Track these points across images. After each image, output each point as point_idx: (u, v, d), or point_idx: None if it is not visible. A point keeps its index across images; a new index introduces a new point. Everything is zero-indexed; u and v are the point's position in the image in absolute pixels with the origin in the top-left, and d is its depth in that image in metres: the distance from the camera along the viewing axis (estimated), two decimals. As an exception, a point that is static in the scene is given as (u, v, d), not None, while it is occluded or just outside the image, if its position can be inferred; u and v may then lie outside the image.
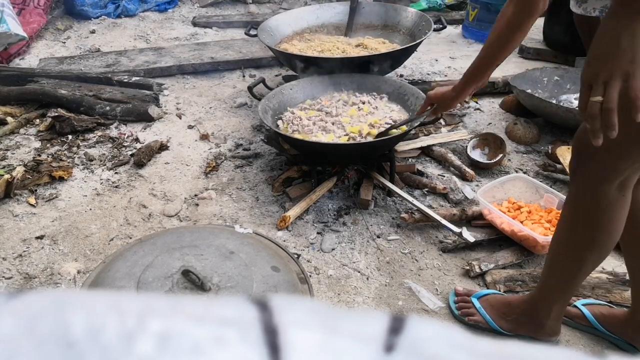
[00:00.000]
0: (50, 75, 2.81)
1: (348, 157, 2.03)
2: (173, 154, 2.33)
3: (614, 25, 0.87)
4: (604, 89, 0.86)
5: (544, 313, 1.35)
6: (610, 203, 1.10)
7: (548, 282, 1.32)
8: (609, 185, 1.08)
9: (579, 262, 1.22)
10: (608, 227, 1.14)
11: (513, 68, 3.07)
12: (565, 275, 1.27)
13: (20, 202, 2.01)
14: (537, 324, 1.38)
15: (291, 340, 0.21)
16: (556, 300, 1.32)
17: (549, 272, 1.31)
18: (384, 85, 2.21)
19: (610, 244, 1.18)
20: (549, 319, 1.35)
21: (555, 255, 1.28)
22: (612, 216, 1.12)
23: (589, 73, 0.89)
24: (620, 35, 0.85)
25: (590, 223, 1.15)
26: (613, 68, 0.85)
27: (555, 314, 1.34)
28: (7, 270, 1.69)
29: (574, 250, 1.21)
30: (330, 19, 2.94)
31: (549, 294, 1.33)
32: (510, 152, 2.28)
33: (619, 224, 1.14)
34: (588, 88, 0.89)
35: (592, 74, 0.88)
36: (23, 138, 2.42)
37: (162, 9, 4.19)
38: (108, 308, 0.22)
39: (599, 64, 0.87)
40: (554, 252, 1.28)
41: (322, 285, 1.62)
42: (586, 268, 1.23)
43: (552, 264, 1.30)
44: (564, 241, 1.24)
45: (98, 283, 1.11)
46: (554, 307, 1.33)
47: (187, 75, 3.08)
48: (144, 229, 1.88)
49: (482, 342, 0.23)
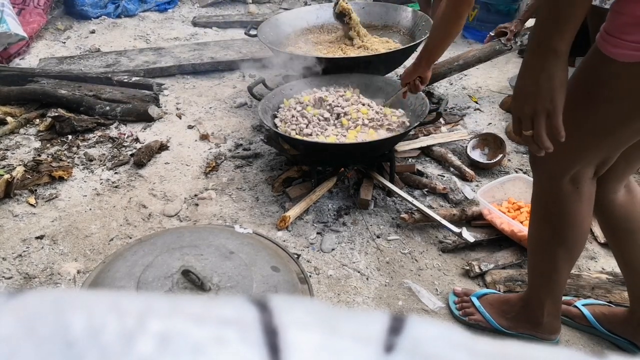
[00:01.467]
0: (50, 75, 2.81)
1: (348, 157, 2.03)
2: (173, 154, 2.33)
3: (532, 64, 0.94)
4: (531, 123, 0.96)
5: (538, 311, 1.37)
6: (565, 196, 1.15)
7: (533, 281, 1.36)
8: (560, 179, 1.13)
9: (551, 258, 1.25)
10: (568, 220, 1.18)
11: (513, 68, 3.07)
12: (545, 273, 1.30)
13: (20, 202, 2.01)
14: (534, 322, 1.39)
15: (291, 340, 0.21)
16: (545, 298, 1.34)
17: (531, 271, 1.36)
18: (384, 85, 2.21)
19: (577, 237, 1.21)
20: (544, 316, 1.36)
21: (532, 253, 1.33)
22: (570, 209, 1.16)
23: (516, 107, 0.99)
24: (539, 76, 0.92)
25: (550, 217, 1.20)
26: (536, 106, 0.94)
27: (549, 312, 1.36)
28: (7, 270, 1.69)
29: (544, 246, 1.26)
30: (330, 19, 2.93)
31: (537, 292, 1.35)
32: (510, 152, 2.28)
33: (580, 216, 1.18)
34: (517, 121, 0.99)
35: (518, 109, 0.98)
36: (23, 138, 2.42)
37: (162, 9, 4.19)
38: (108, 308, 0.22)
39: (523, 101, 0.96)
40: (530, 251, 1.33)
41: (322, 286, 1.62)
42: (560, 263, 1.25)
43: (532, 263, 1.35)
44: (534, 238, 1.28)
45: (98, 283, 1.11)
46: (545, 304, 1.35)
47: (187, 75, 3.08)
48: (143, 229, 1.88)
49: (482, 341, 0.23)
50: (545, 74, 0.92)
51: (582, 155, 1.09)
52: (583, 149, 1.09)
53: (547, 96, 0.92)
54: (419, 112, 1.95)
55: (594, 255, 1.73)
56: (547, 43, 0.90)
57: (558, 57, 0.90)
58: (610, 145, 1.07)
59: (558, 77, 0.92)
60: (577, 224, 1.18)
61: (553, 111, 0.93)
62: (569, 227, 1.19)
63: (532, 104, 0.94)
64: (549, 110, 0.93)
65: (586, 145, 1.08)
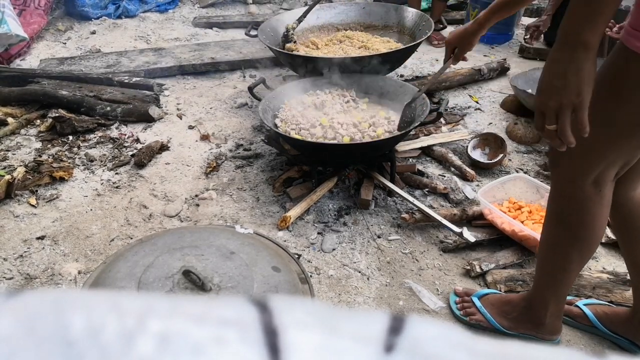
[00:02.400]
0: (51, 75, 2.81)
1: (348, 157, 2.03)
2: (173, 154, 2.33)
3: (560, 57, 0.91)
4: (555, 118, 0.93)
5: (541, 311, 1.36)
6: (587, 198, 1.13)
7: (540, 281, 1.35)
8: (583, 181, 1.11)
9: (565, 259, 1.24)
10: (587, 222, 1.16)
11: (513, 68, 3.07)
12: (554, 273, 1.29)
13: (21, 202, 2.01)
14: (536, 322, 1.38)
15: (291, 341, 0.21)
16: (550, 298, 1.33)
17: (539, 270, 1.34)
18: (384, 85, 2.21)
19: (593, 240, 1.20)
20: (547, 317, 1.36)
21: (543, 253, 1.31)
22: (591, 212, 1.15)
23: (540, 102, 0.95)
24: (566, 69, 0.90)
25: (570, 219, 1.18)
26: (561, 100, 0.91)
27: (552, 312, 1.35)
28: (8, 270, 1.69)
29: (559, 247, 1.24)
30: (330, 19, 2.94)
31: (542, 292, 1.35)
32: (511, 152, 2.28)
33: (599, 219, 1.16)
34: (541, 115, 0.95)
35: (543, 104, 0.94)
36: (24, 139, 2.42)
37: (163, 10, 4.19)
38: (108, 308, 0.22)
39: (549, 95, 0.93)
40: (542, 251, 1.31)
41: (322, 286, 1.62)
42: (573, 265, 1.25)
43: (541, 263, 1.33)
44: (549, 239, 1.26)
45: (99, 283, 1.11)
46: (550, 304, 1.34)
47: (188, 76, 3.08)
48: (144, 229, 1.88)
49: (482, 342, 0.23)
50: (573, 66, 0.88)
51: (605, 155, 1.07)
52: (607, 149, 1.06)
53: (574, 89, 0.89)
54: (420, 112, 1.95)
55: (595, 255, 1.73)
56: (577, 35, 0.87)
57: (588, 50, 0.88)
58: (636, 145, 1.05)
59: (587, 70, 0.89)
60: (595, 227, 1.16)
61: (579, 105, 0.90)
62: (586, 230, 1.17)
63: (558, 97, 0.91)
64: (575, 105, 0.90)
65: (610, 145, 1.05)
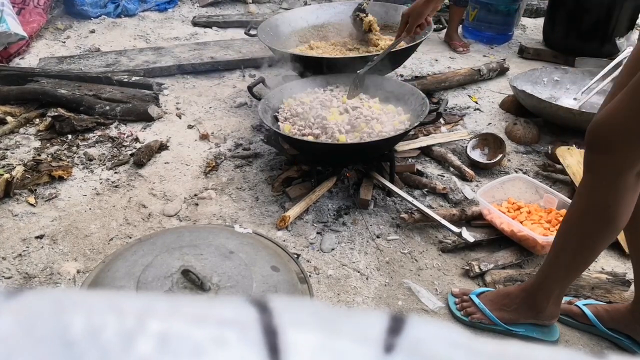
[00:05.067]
0: (50, 74, 2.81)
1: (348, 157, 2.03)
2: (173, 153, 2.33)
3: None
4: None
5: (544, 300, 1.37)
6: (628, 190, 1.14)
7: (553, 269, 1.33)
8: (629, 174, 1.12)
9: (591, 250, 1.25)
10: (623, 214, 1.17)
11: (513, 68, 3.07)
12: (575, 261, 1.29)
13: (20, 201, 2.00)
14: (537, 310, 1.40)
15: (291, 341, 0.21)
16: (555, 288, 1.34)
17: (555, 259, 1.32)
18: (384, 85, 2.21)
19: (621, 228, 1.22)
20: (549, 303, 1.37)
21: (566, 243, 1.28)
22: (627, 202, 1.16)
23: None
24: None
25: (608, 210, 1.18)
26: None
27: (554, 299, 1.37)
28: (7, 269, 1.69)
29: (587, 237, 1.24)
30: (330, 19, 2.94)
31: (551, 281, 1.34)
32: (510, 152, 2.28)
33: (631, 208, 1.18)
34: None
35: None
36: (23, 137, 2.42)
37: (162, 9, 4.19)
38: (108, 308, 0.22)
39: None
40: (564, 241, 1.29)
41: (321, 285, 1.62)
42: (594, 256, 1.27)
43: (560, 252, 1.30)
44: (577, 230, 1.25)
45: (98, 283, 1.11)
46: (553, 294, 1.35)
47: (187, 75, 3.08)
48: (143, 228, 1.88)
49: (482, 342, 0.23)
50: None
51: None
52: None
53: None
54: (419, 112, 1.95)
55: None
56: None
57: None
58: None
59: None
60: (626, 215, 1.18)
61: None
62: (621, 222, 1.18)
63: None
64: None
65: None
